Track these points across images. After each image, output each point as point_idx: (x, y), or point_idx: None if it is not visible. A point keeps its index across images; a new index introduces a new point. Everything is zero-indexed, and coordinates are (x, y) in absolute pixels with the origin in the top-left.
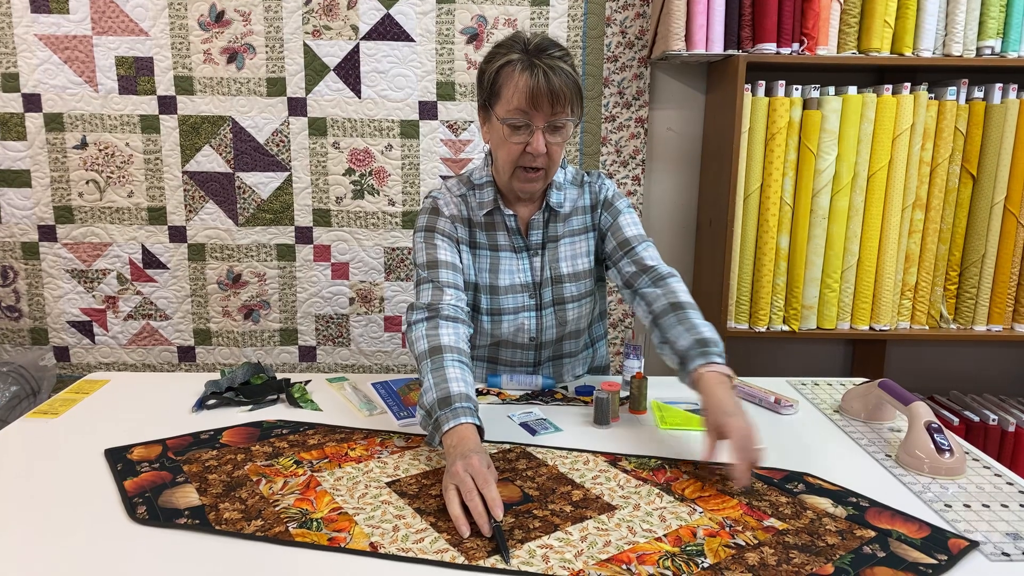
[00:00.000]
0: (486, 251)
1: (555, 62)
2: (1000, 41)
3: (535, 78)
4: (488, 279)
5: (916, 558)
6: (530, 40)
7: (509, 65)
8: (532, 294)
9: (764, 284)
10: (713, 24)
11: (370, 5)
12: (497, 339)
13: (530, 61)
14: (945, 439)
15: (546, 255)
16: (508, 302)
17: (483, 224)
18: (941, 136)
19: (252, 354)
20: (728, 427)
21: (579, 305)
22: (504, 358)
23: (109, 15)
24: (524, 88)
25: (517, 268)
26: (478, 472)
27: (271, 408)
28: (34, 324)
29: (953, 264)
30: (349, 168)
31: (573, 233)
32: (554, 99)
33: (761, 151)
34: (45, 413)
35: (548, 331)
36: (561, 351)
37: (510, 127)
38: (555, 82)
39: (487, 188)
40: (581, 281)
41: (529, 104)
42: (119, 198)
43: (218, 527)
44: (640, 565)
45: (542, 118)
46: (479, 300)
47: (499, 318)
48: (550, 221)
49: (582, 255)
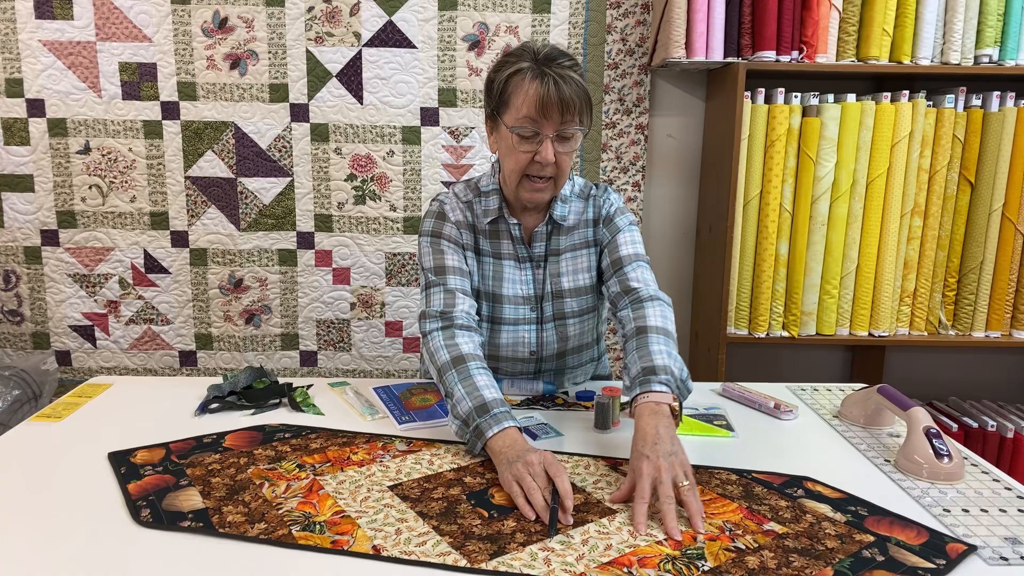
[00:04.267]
0: (490, 259)
1: (565, 71)
2: (998, 49)
3: (545, 86)
4: (492, 287)
5: (915, 562)
6: (539, 50)
7: (519, 74)
8: (533, 307)
9: (764, 290)
10: (713, 32)
11: (372, 12)
12: (496, 352)
13: (540, 70)
14: (944, 444)
15: (548, 268)
16: (508, 312)
17: (487, 232)
18: (939, 144)
19: (253, 359)
20: (635, 468)
21: (580, 321)
22: (504, 369)
23: (113, 21)
24: (534, 96)
25: (520, 279)
26: (539, 472)
27: (273, 412)
28: (36, 328)
29: (952, 271)
30: (351, 174)
31: (575, 247)
32: (564, 108)
33: (761, 158)
34: (48, 417)
35: (549, 346)
36: (564, 365)
37: (519, 136)
38: (565, 91)
39: (493, 196)
40: (582, 296)
41: (539, 112)
42: (121, 203)
43: (221, 530)
44: (641, 568)
45: (551, 127)
46: (480, 307)
47: (498, 327)
48: (553, 233)
49: (583, 270)
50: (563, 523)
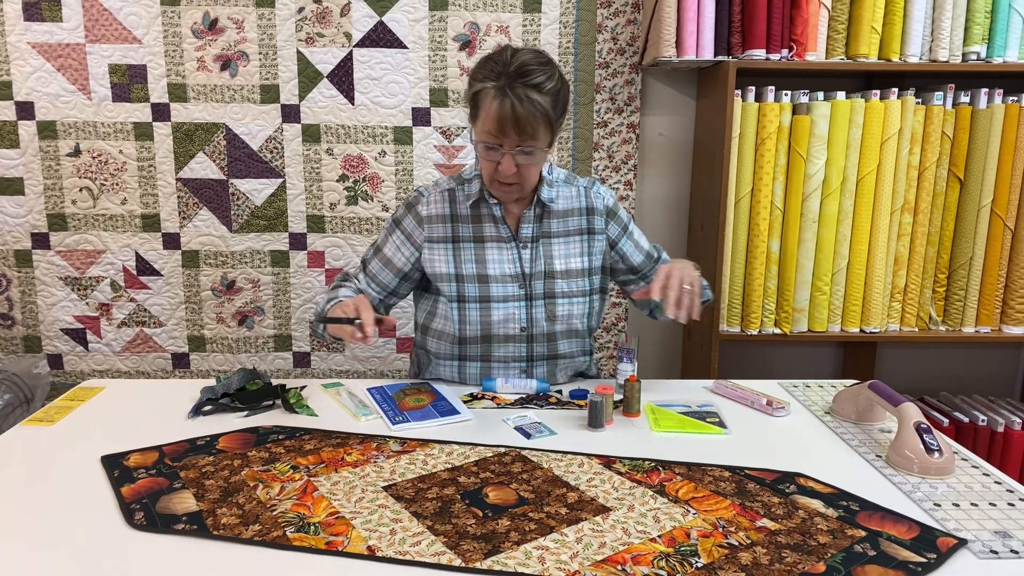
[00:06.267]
0: (470, 243)
1: (528, 92)
2: (985, 47)
3: (503, 108)
4: (475, 269)
5: (906, 557)
6: (511, 61)
7: (483, 92)
8: (521, 284)
9: (755, 287)
10: (703, 31)
11: (363, 12)
12: (488, 331)
13: (503, 89)
14: (934, 439)
15: (539, 249)
16: (497, 290)
17: (469, 216)
18: (928, 140)
19: (246, 360)
20: (657, 271)
21: (570, 302)
22: (497, 355)
23: (102, 23)
24: (494, 116)
25: (506, 258)
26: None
27: (267, 414)
28: (27, 332)
29: (942, 267)
30: (343, 174)
31: (568, 233)
32: (519, 129)
33: (751, 156)
34: (41, 421)
35: (538, 323)
36: (556, 351)
37: (484, 147)
38: (521, 112)
39: (475, 181)
40: (573, 279)
41: (497, 131)
42: (112, 205)
43: (216, 532)
44: (635, 566)
45: (510, 144)
46: (465, 290)
47: (487, 306)
48: (543, 217)
49: (575, 255)
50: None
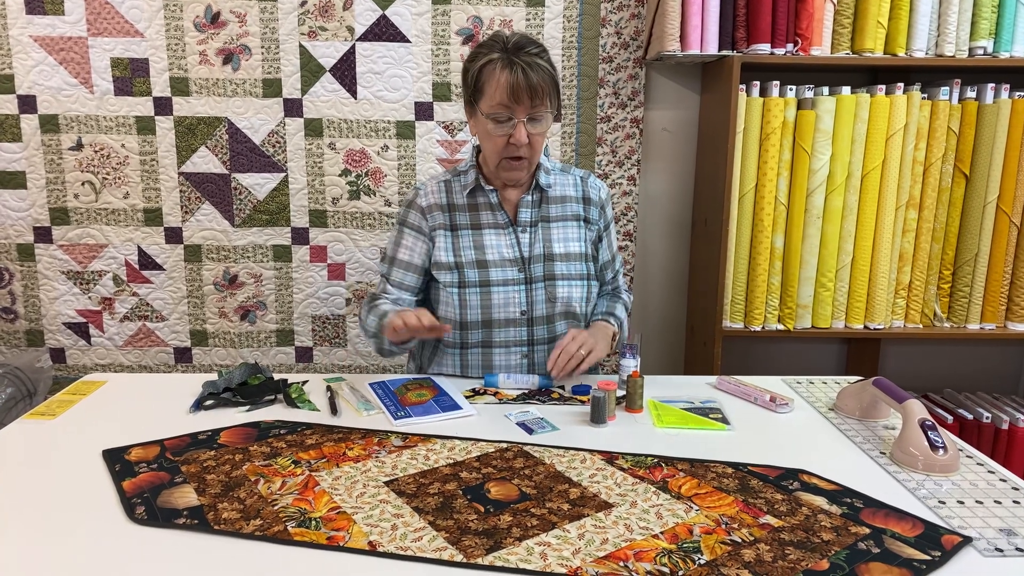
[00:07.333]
0: (468, 231)
1: (533, 59)
2: (992, 41)
3: (515, 75)
4: (474, 255)
5: (910, 554)
6: (509, 39)
7: (490, 64)
8: (521, 268)
9: (759, 283)
10: (708, 25)
11: (366, 6)
12: (488, 315)
13: (509, 59)
14: (939, 436)
15: (538, 233)
16: (497, 275)
17: (466, 205)
18: (934, 136)
19: (249, 355)
20: (573, 332)
21: (569, 284)
22: (498, 339)
23: (104, 16)
24: (505, 84)
25: (504, 244)
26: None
27: (269, 408)
28: (30, 326)
29: (946, 263)
30: (345, 169)
31: (565, 218)
32: (533, 93)
33: (756, 151)
34: (43, 415)
35: (538, 305)
36: (556, 334)
37: (494, 121)
38: (533, 78)
39: (471, 171)
40: (572, 262)
41: (511, 99)
42: (115, 199)
43: (217, 527)
44: (637, 562)
45: (523, 111)
46: (465, 276)
47: (488, 290)
48: (542, 202)
49: (574, 240)
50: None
